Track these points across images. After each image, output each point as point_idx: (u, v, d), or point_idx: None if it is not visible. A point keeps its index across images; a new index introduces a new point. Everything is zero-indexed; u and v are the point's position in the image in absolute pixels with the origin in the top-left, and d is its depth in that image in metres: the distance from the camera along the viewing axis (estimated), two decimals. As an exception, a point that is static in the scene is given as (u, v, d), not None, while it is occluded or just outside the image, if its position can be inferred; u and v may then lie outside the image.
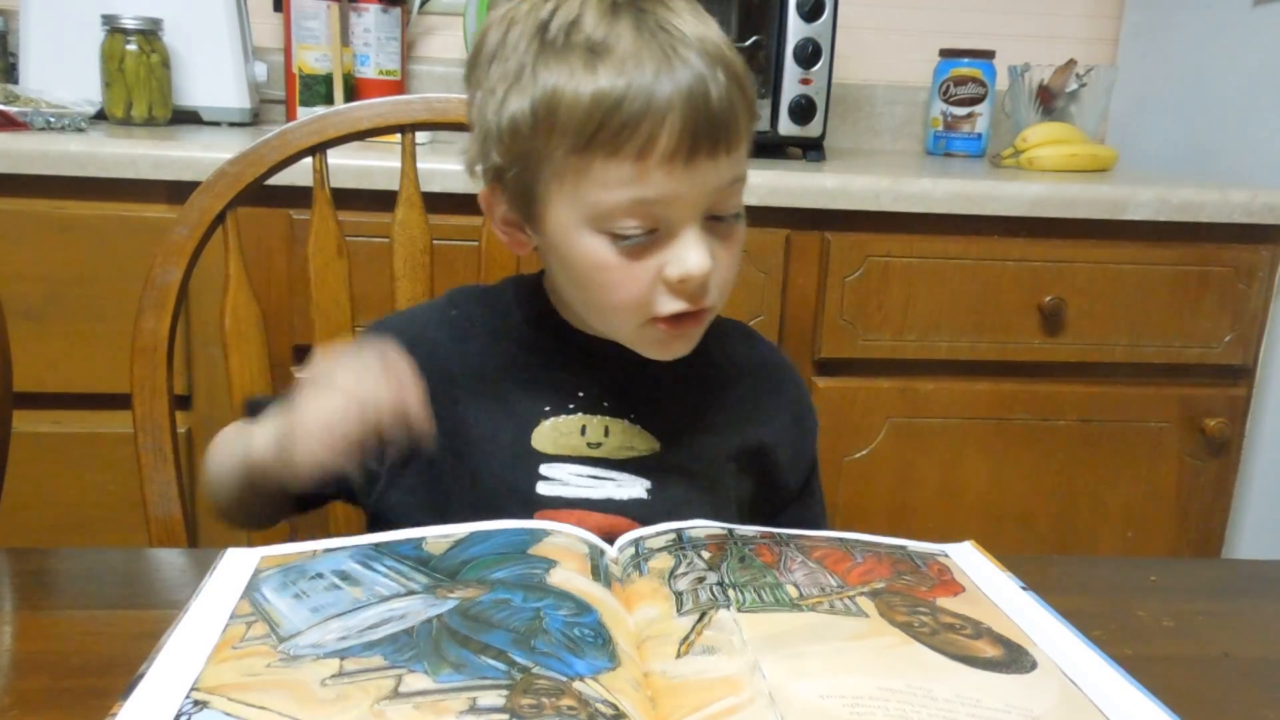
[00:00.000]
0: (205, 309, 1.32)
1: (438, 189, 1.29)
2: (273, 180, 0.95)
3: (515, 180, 0.70)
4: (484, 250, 1.03)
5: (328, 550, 0.63)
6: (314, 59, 1.68)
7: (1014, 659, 0.54)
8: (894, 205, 1.46)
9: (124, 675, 0.49)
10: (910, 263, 1.49)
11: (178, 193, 1.33)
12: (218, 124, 1.69)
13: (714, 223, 0.69)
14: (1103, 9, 2.10)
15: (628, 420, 0.77)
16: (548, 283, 0.79)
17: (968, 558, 0.68)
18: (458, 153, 0.78)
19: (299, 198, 1.12)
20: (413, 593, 0.57)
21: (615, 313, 0.71)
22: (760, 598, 0.59)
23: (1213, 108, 1.79)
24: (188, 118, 1.67)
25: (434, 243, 1.02)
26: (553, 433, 0.75)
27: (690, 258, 0.67)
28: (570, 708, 0.46)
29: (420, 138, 1.32)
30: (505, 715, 0.46)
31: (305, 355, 0.71)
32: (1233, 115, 1.74)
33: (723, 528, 0.68)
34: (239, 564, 0.62)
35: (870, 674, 0.52)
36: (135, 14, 1.55)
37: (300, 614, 0.55)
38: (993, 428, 1.56)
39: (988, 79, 1.88)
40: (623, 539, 0.66)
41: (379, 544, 0.63)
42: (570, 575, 0.59)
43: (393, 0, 1.73)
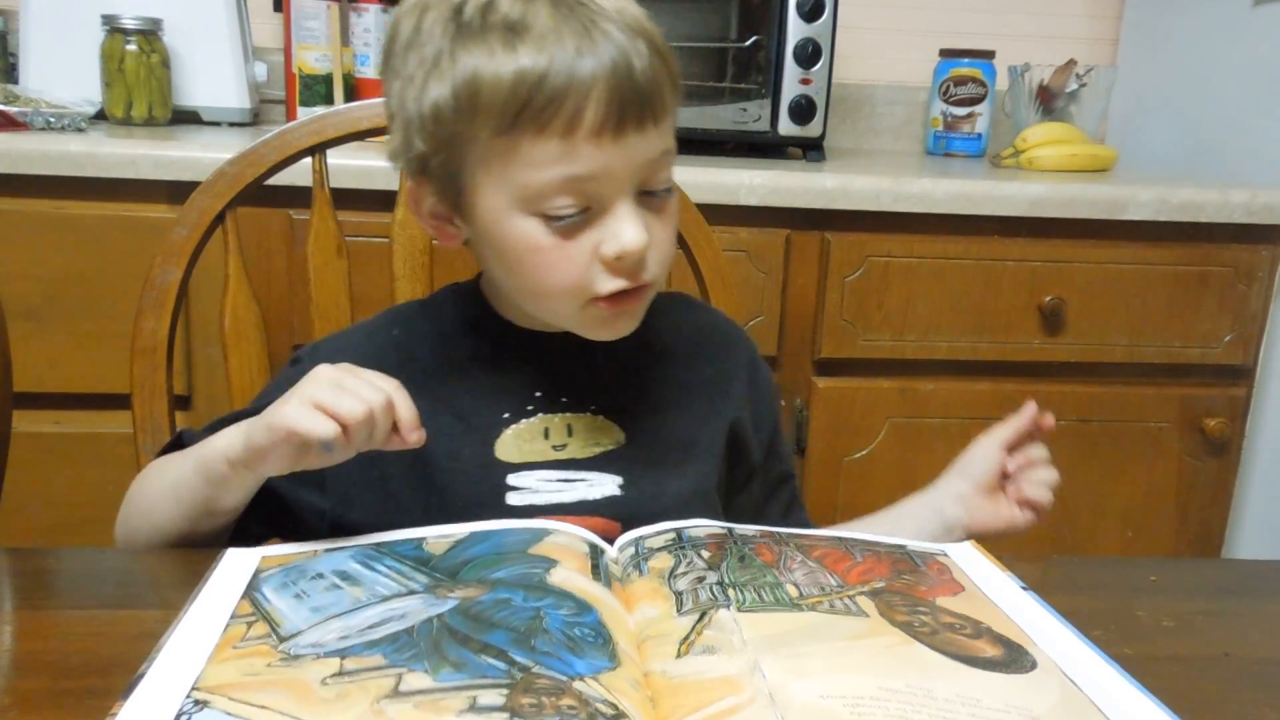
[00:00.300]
0: (205, 309, 1.32)
1: (438, 189, 1.29)
2: (272, 180, 0.96)
3: (441, 168, 0.69)
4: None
5: (328, 550, 0.63)
6: (314, 59, 1.68)
7: (1014, 659, 0.54)
8: (894, 205, 1.46)
9: (124, 675, 0.49)
10: (910, 263, 1.49)
11: (178, 193, 1.33)
12: (218, 124, 1.69)
13: (646, 197, 0.68)
14: (1103, 9, 2.09)
15: (590, 413, 0.76)
16: (485, 284, 0.78)
17: (967, 557, 0.68)
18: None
19: (299, 198, 1.12)
20: (413, 592, 0.57)
21: (554, 296, 0.69)
22: (760, 597, 0.59)
23: (1213, 108, 1.79)
24: (188, 118, 1.67)
25: (434, 243, 1.02)
26: (516, 441, 0.74)
27: (626, 232, 0.66)
28: (570, 707, 0.46)
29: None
30: (505, 714, 0.46)
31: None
32: (1233, 115, 1.74)
33: (722, 527, 0.68)
34: (239, 564, 0.62)
35: (870, 674, 0.52)
36: (135, 14, 1.55)
37: (301, 614, 0.55)
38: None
39: (988, 79, 1.88)
40: (623, 539, 0.66)
41: (380, 544, 0.63)
42: (570, 575, 0.59)
43: (393, 0, 1.73)
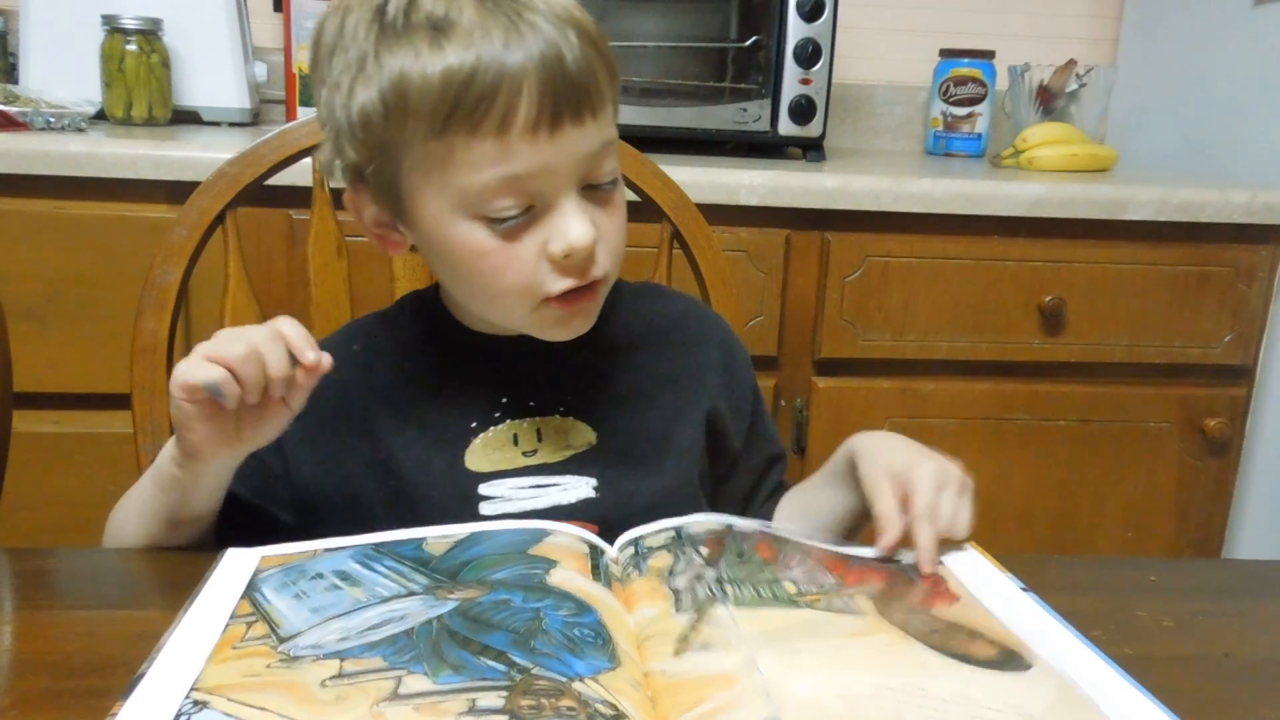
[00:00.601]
0: (205, 309, 1.31)
1: (438, 189, 1.29)
2: (272, 180, 0.95)
3: (377, 176, 0.67)
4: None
5: (328, 550, 0.63)
6: (314, 59, 1.68)
7: (1010, 658, 0.54)
8: (894, 205, 1.46)
9: (124, 675, 0.49)
10: (910, 263, 1.49)
11: (178, 193, 1.33)
12: (218, 124, 1.69)
13: (591, 191, 0.66)
14: (1103, 9, 2.09)
15: (558, 415, 0.74)
16: (443, 291, 0.76)
17: (967, 561, 0.68)
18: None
19: (299, 198, 1.12)
20: (413, 593, 0.57)
21: (504, 300, 0.67)
22: (758, 593, 0.59)
23: (1213, 108, 1.79)
24: (188, 118, 1.67)
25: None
26: (485, 449, 0.73)
27: (572, 229, 0.64)
28: (570, 708, 0.46)
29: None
30: (504, 716, 0.46)
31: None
32: (1233, 115, 1.74)
33: (722, 523, 0.68)
34: (239, 564, 0.62)
35: (867, 671, 0.52)
36: (135, 14, 1.55)
37: (300, 614, 0.55)
38: (993, 428, 1.56)
39: (988, 79, 1.88)
40: (622, 538, 0.66)
41: (379, 544, 0.63)
42: (570, 575, 0.59)
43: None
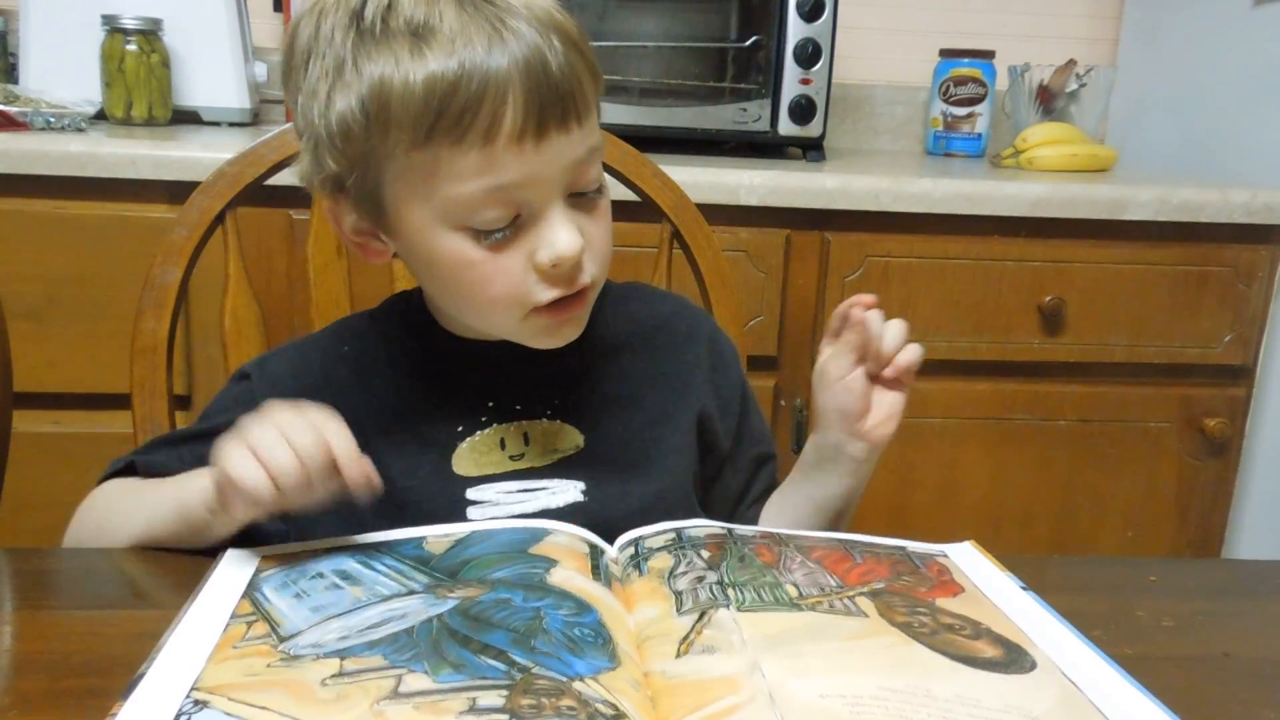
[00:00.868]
0: (205, 309, 1.32)
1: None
2: (272, 180, 0.95)
3: (358, 186, 0.64)
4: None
5: (328, 550, 0.63)
6: (314, 59, 1.67)
7: (1013, 659, 0.54)
8: (894, 205, 1.46)
9: (124, 675, 0.49)
10: (910, 263, 1.49)
11: (178, 193, 1.33)
12: (218, 124, 1.68)
13: (577, 199, 0.65)
14: (1103, 9, 2.09)
15: (545, 419, 0.73)
16: (427, 296, 0.75)
17: (967, 558, 0.68)
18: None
19: (299, 198, 1.11)
20: (413, 592, 0.57)
21: (492, 310, 0.66)
22: (760, 597, 0.59)
23: (1213, 108, 1.79)
24: (188, 118, 1.67)
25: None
26: (472, 454, 0.72)
27: (560, 238, 0.63)
28: (570, 708, 0.46)
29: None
30: (505, 715, 0.46)
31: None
32: (1233, 115, 1.74)
33: (722, 527, 0.68)
34: (239, 563, 0.62)
35: (870, 673, 0.52)
36: (135, 14, 1.55)
37: (301, 613, 0.55)
38: (993, 428, 1.56)
39: (988, 79, 1.88)
40: (622, 538, 0.66)
41: (380, 543, 0.63)
42: (570, 575, 0.59)
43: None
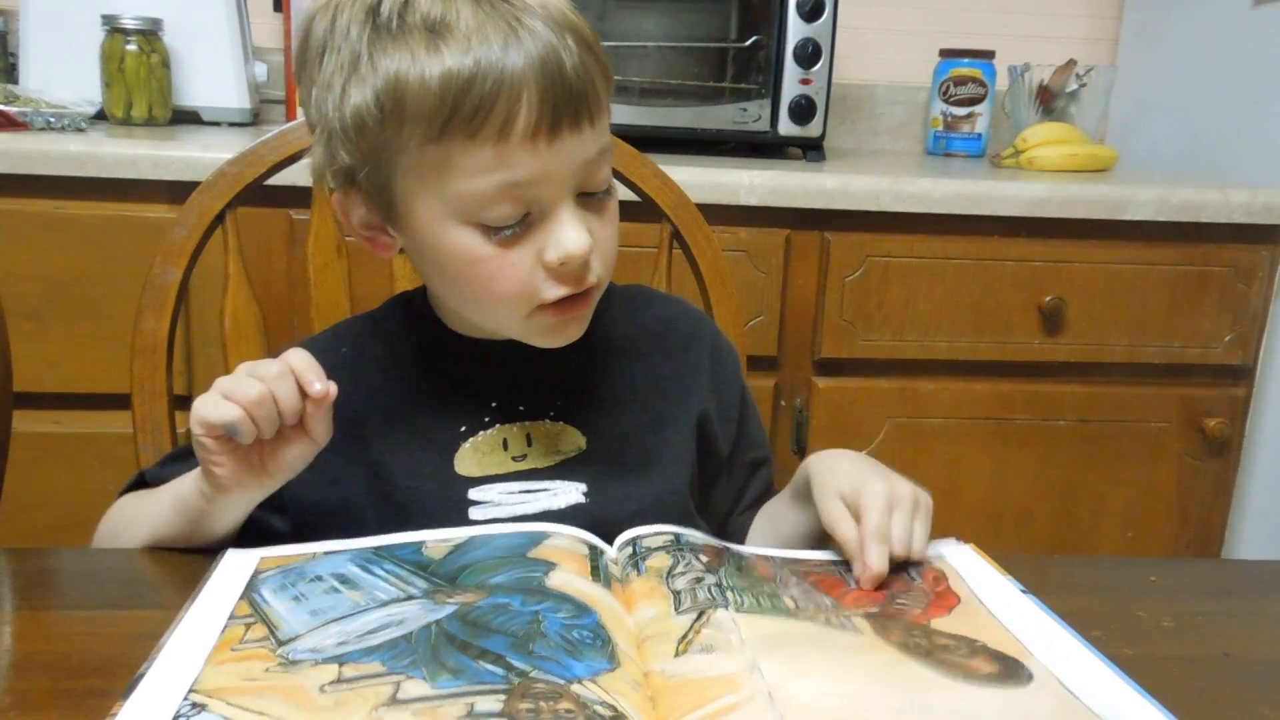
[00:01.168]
0: (205, 309, 1.32)
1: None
2: (272, 180, 0.95)
3: (369, 179, 0.65)
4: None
5: (327, 553, 0.63)
6: (314, 59, 1.67)
7: (1010, 674, 0.54)
8: (894, 205, 1.46)
9: (124, 675, 0.49)
10: (910, 263, 1.49)
11: (178, 193, 1.33)
12: (218, 124, 1.68)
13: (586, 199, 0.66)
14: (1103, 9, 2.09)
15: (548, 420, 0.74)
16: (431, 294, 0.76)
17: (965, 561, 0.68)
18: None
19: (299, 198, 1.12)
20: (412, 597, 0.57)
21: (498, 306, 0.67)
22: (758, 603, 0.59)
23: (1213, 108, 1.79)
24: (188, 118, 1.67)
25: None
26: (474, 454, 0.72)
27: (569, 237, 0.63)
28: (568, 710, 0.46)
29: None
30: None
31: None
32: (1233, 115, 1.74)
33: (720, 543, 0.68)
34: (238, 565, 0.62)
35: (868, 684, 0.51)
36: (135, 14, 1.55)
37: (299, 617, 0.55)
38: (993, 428, 1.56)
39: (988, 79, 1.88)
40: (621, 538, 0.66)
41: (379, 547, 0.63)
42: (570, 577, 0.59)
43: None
